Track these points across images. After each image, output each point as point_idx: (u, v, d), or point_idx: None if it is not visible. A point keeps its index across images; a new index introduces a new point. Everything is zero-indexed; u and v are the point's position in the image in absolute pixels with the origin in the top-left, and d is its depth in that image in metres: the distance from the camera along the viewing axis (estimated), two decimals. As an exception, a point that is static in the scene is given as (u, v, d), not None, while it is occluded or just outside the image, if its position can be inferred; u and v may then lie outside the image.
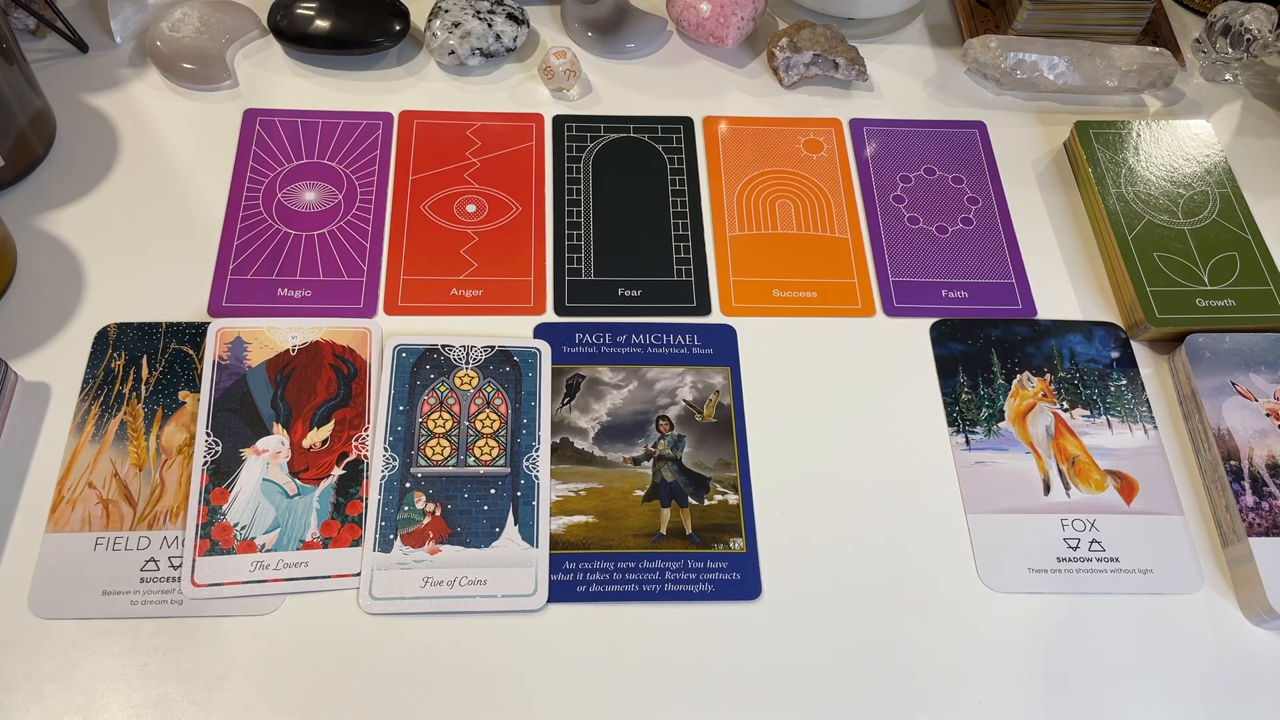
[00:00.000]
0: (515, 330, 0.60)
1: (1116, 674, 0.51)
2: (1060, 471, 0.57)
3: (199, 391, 0.56)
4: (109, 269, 0.61)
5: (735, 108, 0.72)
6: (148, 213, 0.64)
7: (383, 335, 0.59)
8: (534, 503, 0.54)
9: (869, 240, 0.66)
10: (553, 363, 0.59)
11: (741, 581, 0.53)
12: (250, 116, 0.69)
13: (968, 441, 0.58)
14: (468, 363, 0.58)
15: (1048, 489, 0.56)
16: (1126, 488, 0.56)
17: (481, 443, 0.56)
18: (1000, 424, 0.58)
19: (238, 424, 0.55)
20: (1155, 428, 0.59)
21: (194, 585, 0.50)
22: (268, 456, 0.54)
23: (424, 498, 0.54)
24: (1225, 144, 0.73)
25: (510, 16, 0.72)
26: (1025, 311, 0.63)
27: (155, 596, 0.50)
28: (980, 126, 0.73)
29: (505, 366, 0.58)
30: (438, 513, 0.53)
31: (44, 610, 0.50)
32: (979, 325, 0.62)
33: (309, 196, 0.65)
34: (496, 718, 0.48)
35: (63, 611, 0.50)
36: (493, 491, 0.54)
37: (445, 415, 0.56)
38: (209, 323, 0.58)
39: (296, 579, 0.51)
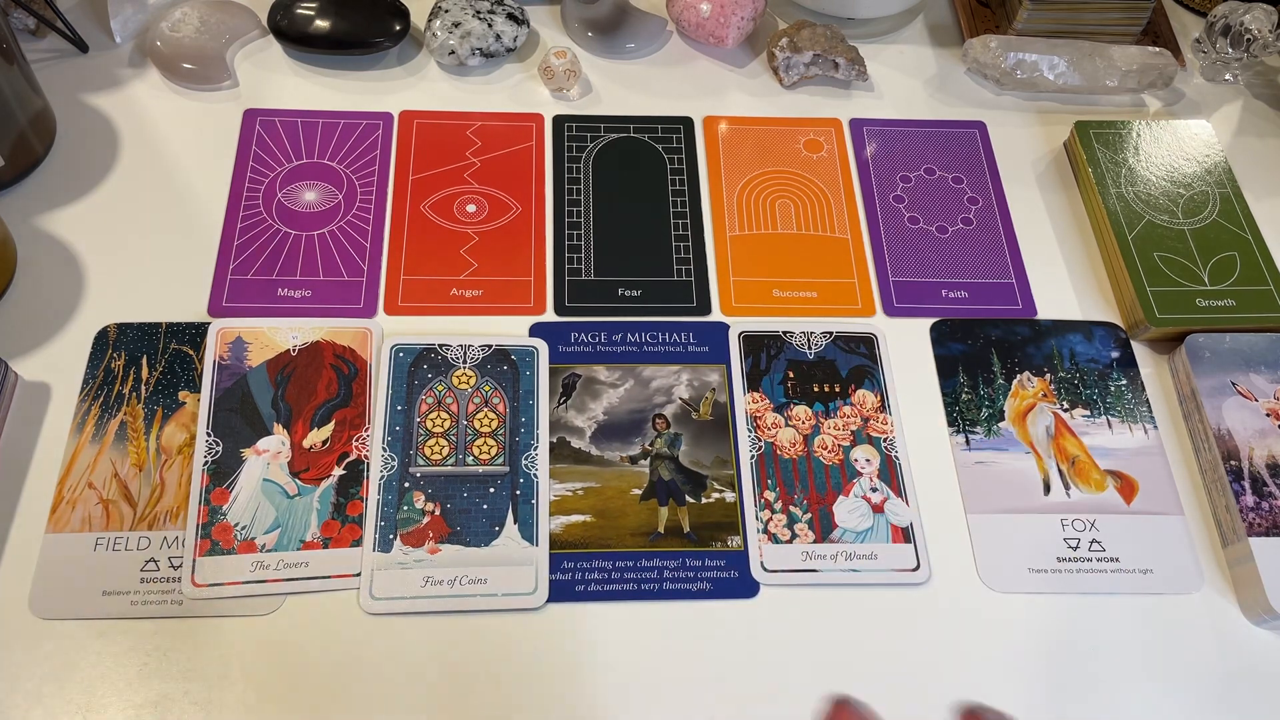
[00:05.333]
0: (515, 330, 0.60)
1: (1116, 674, 0.51)
2: (1060, 471, 0.57)
3: (199, 391, 0.56)
4: (109, 269, 0.61)
5: (735, 108, 0.72)
6: (148, 213, 0.64)
7: (383, 335, 0.59)
8: (533, 501, 0.54)
9: (869, 240, 0.66)
10: (550, 362, 0.59)
11: (739, 579, 0.53)
12: (250, 116, 0.69)
13: (968, 441, 0.58)
14: (465, 362, 0.58)
15: (1048, 489, 0.56)
16: (1126, 488, 0.56)
17: (480, 441, 0.56)
18: (1000, 424, 0.58)
19: (238, 424, 0.55)
20: (1155, 428, 0.59)
21: (194, 585, 0.50)
22: (268, 456, 0.54)
23: (423, 497, 0.54)
24: (1225, 144, 0.72)
25: (510, 16, 0.72)
26: (1025, 311, 0.63)
27: (155, 596, 0.50)
28: (980, 126, 0.72)
29: (503, 365, 0.58)
30: (437, 512, 0.53)
31: (44, 610, 0.50)
32: (979, 325, 0.62)
33: (309, 196, 0.65)
34: (496, 717, 0.48)
35: (63, 611, 0.50)
36: (492, 490, 0.54)
37: (443, 414, 0.56)
38: (209, 323, 0.58)
39: (297, 579, 0.51)
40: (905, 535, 0.54)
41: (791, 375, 0.59)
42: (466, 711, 0.48)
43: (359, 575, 0.51)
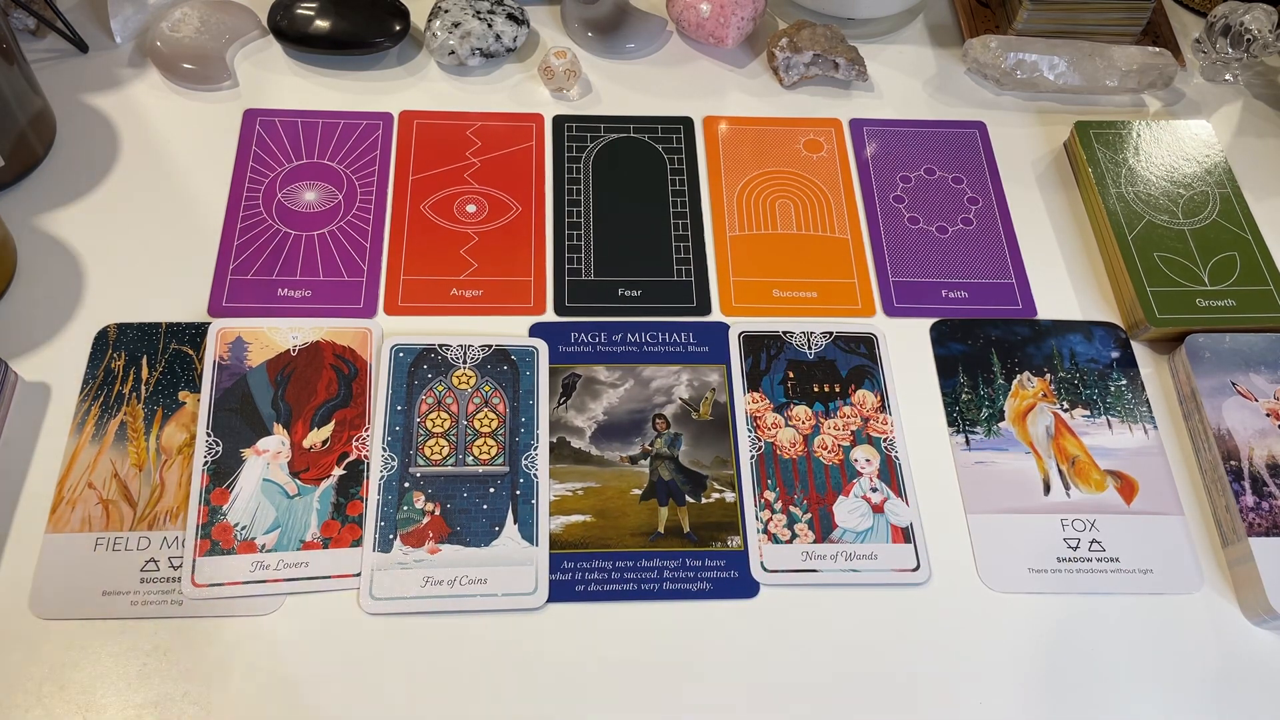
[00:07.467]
0: (515, 330, 0.60)
1: (1116, 674, 0.51)
2: (1060, 471, 0.57)
3: (199, 392, 0.56)
4: (109, 269, 0.61)
5: (735, 108, 0.72)
6: (148, 213, 0.64)
7: (383, 335, 0.59)
8: (533, 501, 0.54)
9: (869, 240, 0.66)
10: (550, 362, 0.59)
11: (739, 579, 0.53)
12: (250, 116, 0.69)
13: (968, 441, 0.58)
14: (465, 362, 0.58)
15: (1048, 489, 0.56)
16: (1126, 488, 0.56)
17: (480, 441, 0.56)
18: (1000, 424, 0.58)
19: (238, 424, 0.55)
20: (1155, 428, 0.59)
21: (194, 585, 0.50)
22: (268, 457, 0.54)
23: (423, 497, 0.54)
24: (1225, 144, 0.73)
25: (510, 16, 0.72)
26: (1025, 311, 0.63)
27: (155, 596, 0.50)
28: (980, 126, 0.72)
29: (503, 365, 0.58)
30: (437, 512, 0.53)
31: (44, 610, 0.50)
32: (979, 325, 0.62)
33: (309, 196, 0.65)
34: (497, 717, 0.48)
35: (63, 611, 0.50)
36: (492, 490, 0.54)
37: (443, 414, 0.56)
38: (209, 323, 0.58)
39: (297, 579, 0.51)
40: (905, 535, 0.54)
41: (791, 375, 0.59)
42: (466, 711, 0.48)
43: (359, 575, 0.51)
